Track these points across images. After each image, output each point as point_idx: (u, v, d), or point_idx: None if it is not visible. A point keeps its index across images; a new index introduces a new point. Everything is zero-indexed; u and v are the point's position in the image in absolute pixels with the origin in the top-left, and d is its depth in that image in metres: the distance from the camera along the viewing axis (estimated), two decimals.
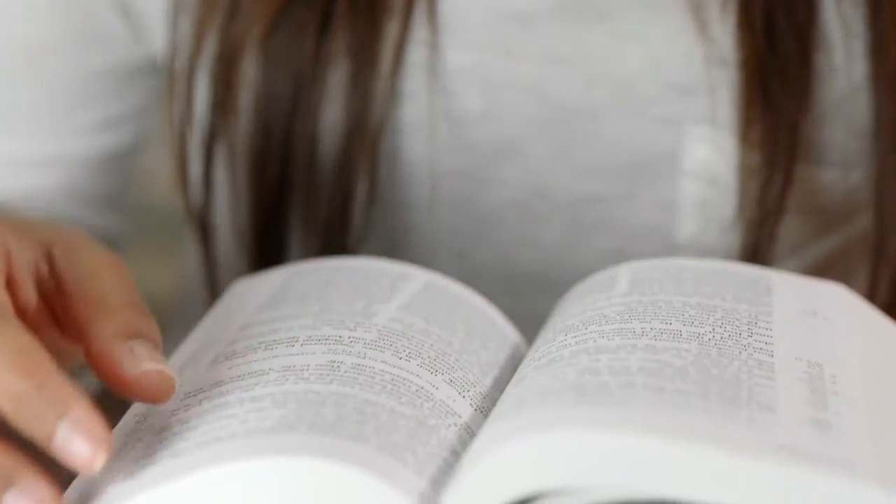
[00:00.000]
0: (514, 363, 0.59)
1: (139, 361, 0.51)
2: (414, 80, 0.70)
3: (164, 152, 0.75)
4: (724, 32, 0.68)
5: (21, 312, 0.53)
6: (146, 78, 0.78)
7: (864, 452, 0.48)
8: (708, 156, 0.70)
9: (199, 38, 0.71)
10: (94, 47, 0.75)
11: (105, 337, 0.51)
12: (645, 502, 0.48)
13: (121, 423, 0.53)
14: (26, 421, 0.48)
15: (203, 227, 0.74)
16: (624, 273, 0.61)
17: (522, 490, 0.47)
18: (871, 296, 0.70)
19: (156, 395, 0.51)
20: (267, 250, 0.72)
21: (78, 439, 0.48)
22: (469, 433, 0.52)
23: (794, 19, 0.67)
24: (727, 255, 0.70)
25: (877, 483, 0.46)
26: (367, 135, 0.70)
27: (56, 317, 0.56)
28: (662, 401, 0.49)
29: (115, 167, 0.79)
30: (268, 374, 0.53)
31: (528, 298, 0.69)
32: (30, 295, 0.54)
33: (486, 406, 0.55)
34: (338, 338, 0.55)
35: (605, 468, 0.46)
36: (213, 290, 0.74)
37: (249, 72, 0.70)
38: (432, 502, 0.48)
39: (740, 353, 0.53)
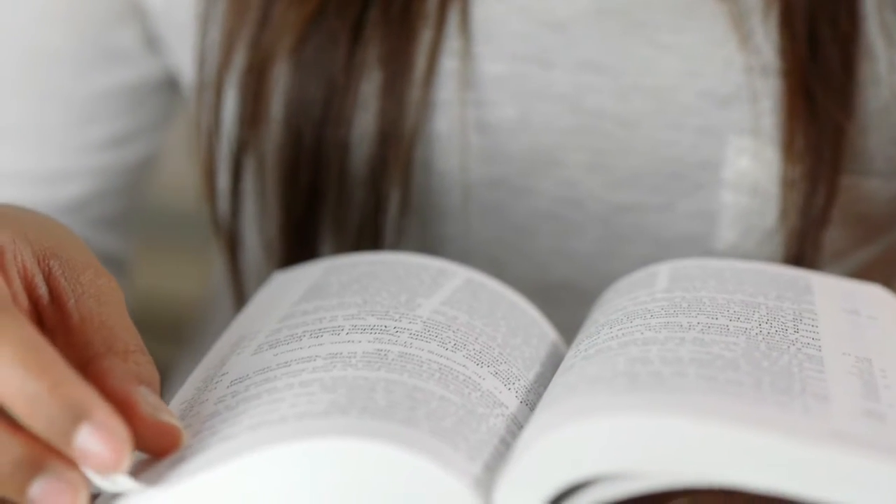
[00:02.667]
0: (553, 360, 0.58)
1: (154, 410, 0.48)
2: (447, 90, 0.70)
3: (193, 158, 0.75)
4: (766, 41, 0.68)
5: None
6: (157, 95, 0.78)
7: None
8: (749, 166, 0.69)
9: (228, 49, 0.71)
10: (107, 63, 0.75)
11: (120, 377, 0.49)
12: (700, 487, 0.48)
13: None
14: (41, 422, 0.46)
15: (230, 238, 0.74)
16: (663, 271, 0.61)
17: (578, 474, 0.46)
18: None
19: (165, 446, 0.49)
20: (297, 261, 0.71)
21: (101, 444, 0.46)
22: (516, 424, 0.52)
23: (838, 29, 0.67)
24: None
25: None
26: (400, 143, 0.69)
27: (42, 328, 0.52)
28: (716, 389, 0.48)
29: (123, 185, 0.79)
30: (314, 360, 0.52)
31: (562, 307, 0.68)
32: (21, 299, 0.51)
33: (531, 399, 0.54)
34: (383, 328, 0.55)
35: (661, 453, 0.46)
36: (240, 301, 0.74)
37: (280, 81, 0.70)
38: (486, 487, 0.47)
39: (788, 347, 0.53)
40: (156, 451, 0.49)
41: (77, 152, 0.77)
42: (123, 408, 0.48)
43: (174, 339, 0.96)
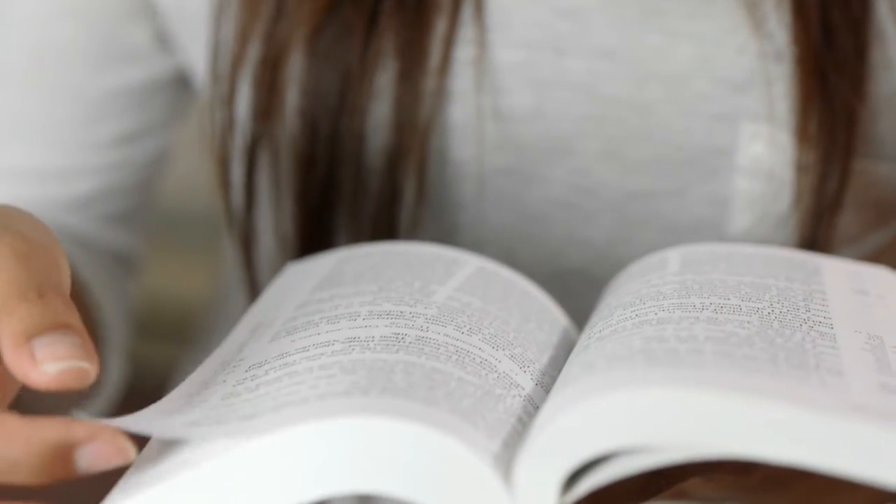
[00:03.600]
0: (565, 345, 0.59)
1: (41, 365, 0.47)
2: (462, 79, 0.71)
3: (202, 158, 0.75)
4: (779, 27, 0.69)
5: None
6: (168, 92, 0.78)
7: None
8: (763, 152, 0.70)
9: (242, 41, 0.71)
10: (118, 61, 0.76)
11: (7, 345, 0.47)
12: (718, 460, 0.48)
13: (182, 387, 0.53)
14: (35, 475, 0.46)
15: (245, 232, 0.74)
16: (674, 255, 0.61)
17: (597, 449, 0.47)
18: None
19: (73, 389, 0.47)
20: (312, 253, 0.72)
21: (103, 456, 0.47)
22: (532, 405, 0.52)
23: (850, 13, 0.68)
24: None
25: None
26: (415, 133, 0.70)
27: None
28: (733, 364, 0.49)
29: (132, 183, 0.79)
30: (333, 345, 0.53)
31: (575, 294, 0.69)
32: None
33: (546, 381, 0.55)
34: (399, 313, 0.55)
35: (681, 426, 0.47)
36: (254, 295, 0.74)
37: (295, 73, 0.70)
38: (505, 464, 0.48)
39: (801, 325, 0.53)
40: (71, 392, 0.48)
41: (86, 149, 0.77)
42: (17, 376, 0.47)
43: (180, 338, 0.97)
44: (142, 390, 0.72)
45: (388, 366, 0.51)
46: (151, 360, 0.98)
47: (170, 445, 0.50)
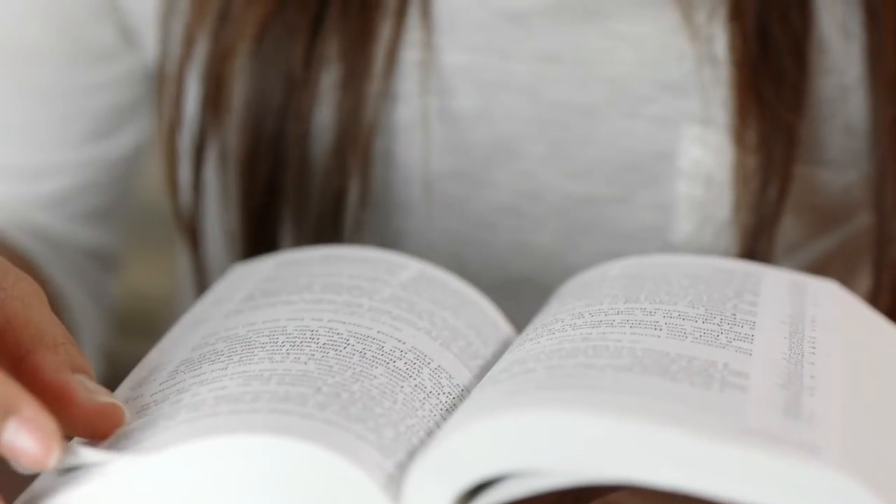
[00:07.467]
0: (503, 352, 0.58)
1: (93, 394, 0.49)
2: (407, 81, 0.70)
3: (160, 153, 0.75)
4: (716, 33, 0.68)
5: None
6: (139, 88, 0.78)
7: (832, 440, 0.47)
8: (702, 156, 0.69)
9: (189, 41, 0.71)
10: (87, 59, 0.76)
11: (54, 369, 0.49)
12: (611, 485, 0.48)
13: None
14: None
15: (192, 231, 0.74)
16: (615, 270, 0.61)
17: (489, 470, 0.46)
18: (874, 302, 0.69)
19: (109, 427, 0.50)
20: (258, 252, 0.72)
21: (28, 438, 0.47)
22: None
23: (789, 24, 0.67)
24: (723, 255, 0.70)
25: (841, 470, 0.45)
26: (359, 136, 0.70)
27: None
28: (633, 385, 0.48)
29: (107, 180, 0.79)
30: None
31: (522, 300, 0.68)
32: None
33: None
34: (350, 298, 0.56)
35: (566, 450, 0.46)
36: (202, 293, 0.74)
37: (241, 73, 0.70)
38: (397, 484, 0.47)
39: (719, 337, 0.53)
40: (101, 432, 0.50)
41: (57, 147, 0.77)
42: (62, 396, 0.49)
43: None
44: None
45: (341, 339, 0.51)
46: (133, 356, 0.98)
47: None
